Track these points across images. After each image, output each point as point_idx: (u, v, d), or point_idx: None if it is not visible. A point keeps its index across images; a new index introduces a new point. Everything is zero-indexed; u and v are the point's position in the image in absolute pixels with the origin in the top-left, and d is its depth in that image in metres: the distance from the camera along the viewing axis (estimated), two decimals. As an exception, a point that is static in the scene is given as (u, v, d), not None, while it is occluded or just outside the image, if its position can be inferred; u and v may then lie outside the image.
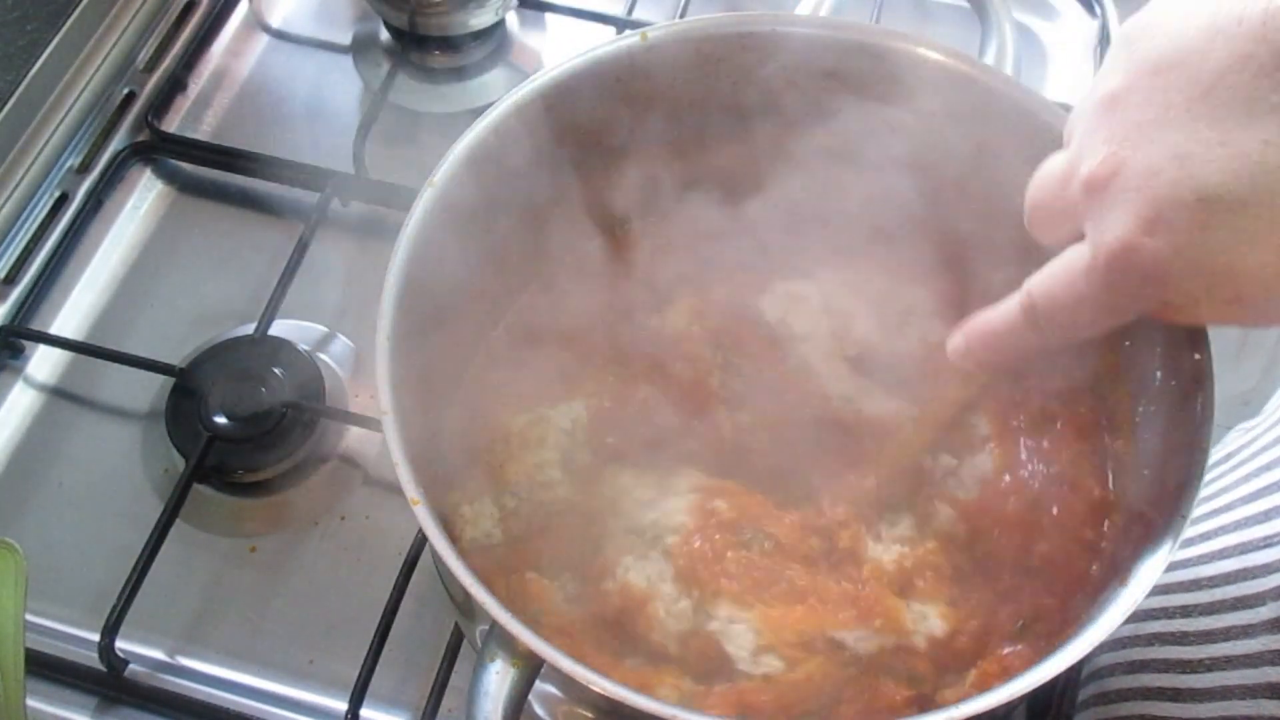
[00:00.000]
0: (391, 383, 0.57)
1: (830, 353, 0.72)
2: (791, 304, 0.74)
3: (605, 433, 0.67)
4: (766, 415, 0.69)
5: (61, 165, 0.96)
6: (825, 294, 0.74)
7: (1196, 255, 0.46)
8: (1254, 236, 0.44)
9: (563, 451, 0.66)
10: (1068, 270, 0.51)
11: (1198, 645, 0.66)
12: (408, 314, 0.60)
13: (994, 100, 0.66)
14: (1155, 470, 0.59)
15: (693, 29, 0.68)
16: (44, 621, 0.77)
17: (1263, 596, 0.63)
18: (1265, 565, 0.64)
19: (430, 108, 0.99)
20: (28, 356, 0.88)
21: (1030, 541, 0.62)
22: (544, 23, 1.04)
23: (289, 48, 1.04)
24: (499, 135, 0.65)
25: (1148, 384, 0.61)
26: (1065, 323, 0.53)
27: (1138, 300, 0.49)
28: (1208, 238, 0.45)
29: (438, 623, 0.76)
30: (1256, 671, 0.61)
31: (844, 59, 0.67)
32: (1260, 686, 0.61)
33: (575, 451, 0.67)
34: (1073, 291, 0.51)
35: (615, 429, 0.68)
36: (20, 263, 0.92)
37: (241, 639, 0.77)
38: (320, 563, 0.80)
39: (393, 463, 0.54)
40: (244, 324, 0.87)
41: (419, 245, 0.61)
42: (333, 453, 0.84)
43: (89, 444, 0.84)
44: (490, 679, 0.50)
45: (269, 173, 0.94)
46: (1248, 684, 0.62)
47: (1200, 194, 0.44)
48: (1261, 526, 0.66)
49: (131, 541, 0.76)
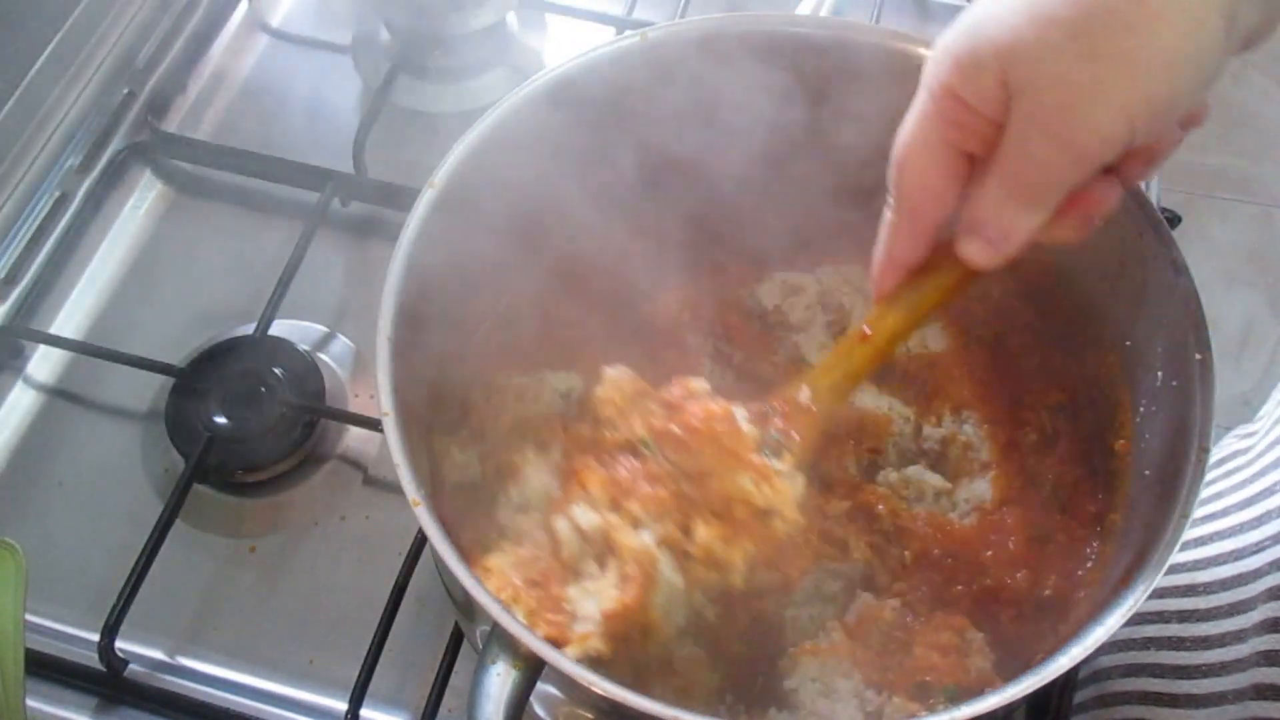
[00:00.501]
0: (391, 383, 0.57)
1: (825, 345, 0.72)
2: (787, 295, 0.75)
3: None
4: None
5: (62, 165, 0.96)
6: (823, 287, 0.75)
7: (970, 29, 0.49)
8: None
9: (556, 411, 0.68)
10: (903, 127, 0.54)
11: (1194, 651, 0.66)
12: (408, 314, 0.60)
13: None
14: (1156, 470, 0.59)
15: (693, 29, 0.68)
16: (44, 621, 0.77)
17: (1254, 601, 0.63)
18: (1257, 570, 0.64)
19: (430, 108, 0.99)
20: (28, 356, 0.88)
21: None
22: (544, 23, 1.04)
23: (289, 48, 1.04)
24: (499, 135, 0.65)
25: (1148, 384, 0.62)
26: (913, 185, 0.54)
27: (960, 114, 0.50)
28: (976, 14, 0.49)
29: (438, 623, 0.76)
30: (1246, 675, 0.62)
31: (844, 59, 0.67)
32: (1248, 689, 0.61)
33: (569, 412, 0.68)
34: (909, 138, 0.53)
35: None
36: (20, 263, 0.92)
37: (241, 639, 0.77)
38: (320, 563, 0.80)
39: (393, 463, 0.54)
40: (244, 324, 0.86)
41: (419, 245, 0.61)
42: (333, 453, 0.84)
43: (89, 444, 0.84)
44: (492, 680, 0.50)
45: (269, 173, 0.94)
46: (1238, 688, 0.62)
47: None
48: (1255, 532, 0.66)
49: (131, 541, 0.76)
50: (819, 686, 0.62)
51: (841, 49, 0.67)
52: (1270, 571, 0.63)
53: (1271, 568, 0.63)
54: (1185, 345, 0.58)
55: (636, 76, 0.68)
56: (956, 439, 0.70)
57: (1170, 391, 0.59)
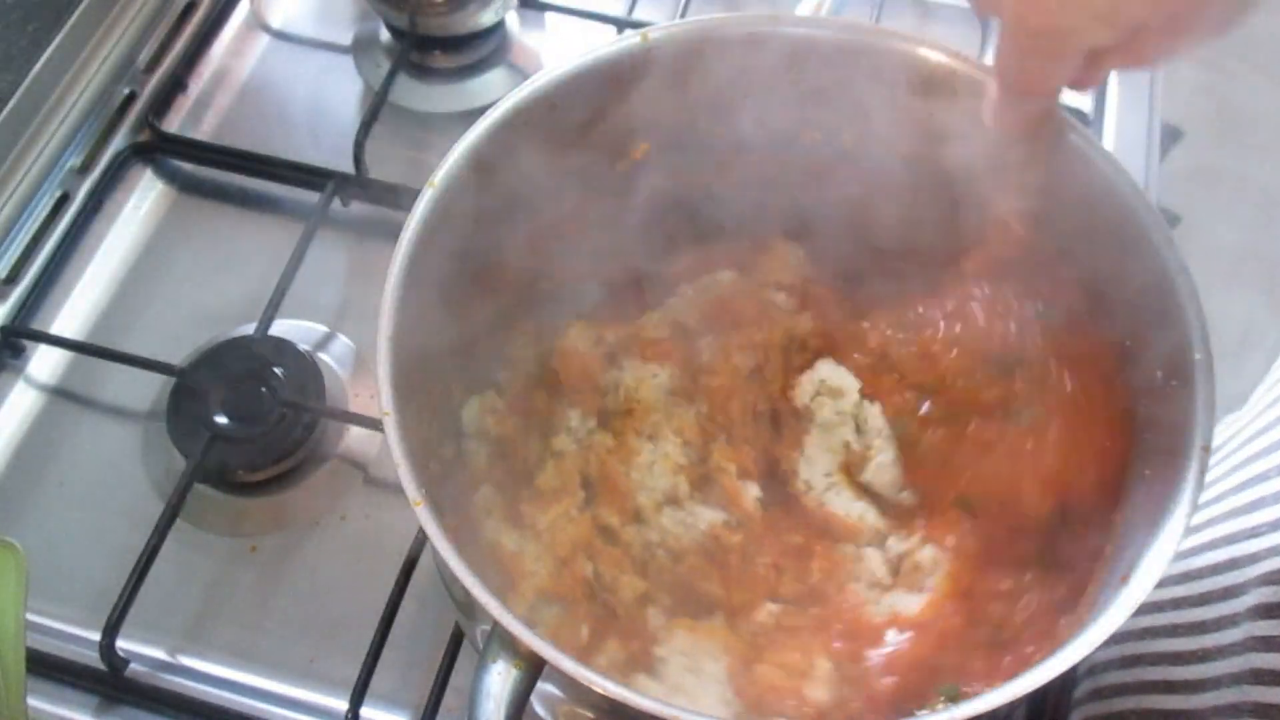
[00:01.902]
0: (392, 383, 0.57)
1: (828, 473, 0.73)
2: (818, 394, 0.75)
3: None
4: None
5: (62, 165, 0.96)
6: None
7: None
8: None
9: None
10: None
11: (1189, 637, 0.66)
12: (408, 314, 0.60)
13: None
14: (1156, 470, 0.59)
15: (693, 29, 0.68)
16: (45, 621, 0.77)
17: (1248, 585, 0.63)
18: (1251, 555, 0.64)
19: (430, 108, 0.99)
20: (28, 356, 0.88)
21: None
22: (544, 23, 1.04)
23: (289, 48, 1.04)
24: (500, 135, 0.65)
25: (1148, 384, 0.61)
26: (1025, 77, 0.57)
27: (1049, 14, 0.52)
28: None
29: (438, 623, 0.76)
30: (1241, 659, 0.62)
31: (844, 59, 0.67)
32: (1244, 673, 0.61)
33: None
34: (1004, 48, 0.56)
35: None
36: (21, 263, 0.92)
37: (242, 638, 0.77)
38: (320, 562, 0.80)
39: (393, 463, 0.55)
40: (244, 324, 0.87)
41: (420, 245, 0.61)
42: (333, 453, 0.84)
43: (90, 444, 0.84)
44: (492, 680, 0.50)
45: (269, 173, 0.94)
46: (1234, 671, 0.62)
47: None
48: (1248, 517, 0.66)
49: (132, 541, 0.76)
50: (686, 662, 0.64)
51: (842, 49, 0.67)
52: (1265, 556, 0.63)
53: (1266, 552, 0.63)
54: (1185, 345, 0.58)
55: (637, 76, 0.68)
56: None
57: (1170, 391, 0.59)
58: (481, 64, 1.00)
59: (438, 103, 0.99)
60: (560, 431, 0.71)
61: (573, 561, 0.67)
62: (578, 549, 0.67)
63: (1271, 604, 0.60)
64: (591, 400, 0.72)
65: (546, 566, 0.66)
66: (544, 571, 0.66)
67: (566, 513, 0.68)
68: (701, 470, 0.71)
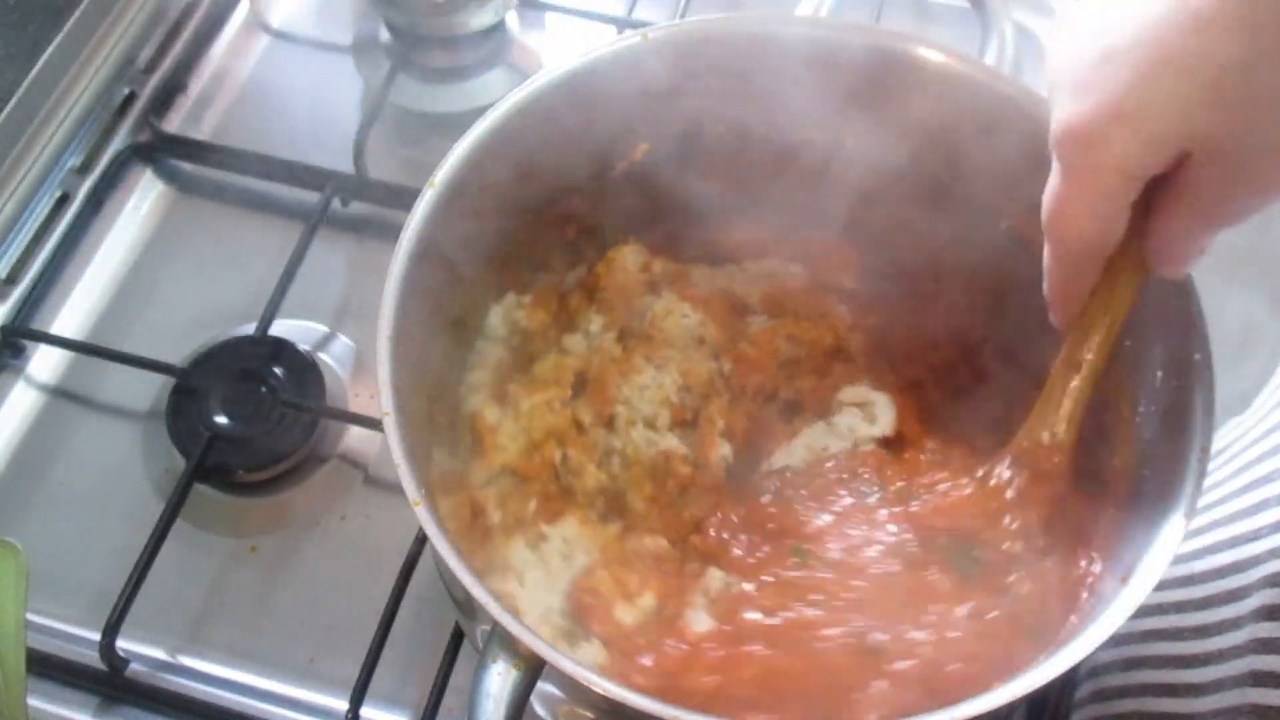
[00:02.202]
0: (392, 383, 0.57)
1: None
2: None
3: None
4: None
5: (62, 165, 0.96)
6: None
7: (1112, 102, 0.49)
8: (1149, 69, 0.48)
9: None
10: (1047, 188, 0.54)
11: (1192, 640, 0.66)
12: (408, 314, 0.60)
13: (994, 100, 0.66)
14: (1156, 470, 0.59)
15: (693, 29, 0.68)
16: (45, 621, 0.77)
17: (1251, 588, 0.63)
18: (1254, 558, 0.64)
19: (430, 108, 0.99)
20: (28, 356, 0.88)
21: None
22: (544, 23, 1.04)
23: (289, 48, 1.04)
24: (500, 135, 0.65)
25: (1148, 384, 0.61)
26: (1072, 235, 0.54)
27: (1101, 176, 0.51)
28: (1117, 84, 0.49)
29: (438, 623, 0.76)
30: (1243, 661, 0.62)
31: (844, 60, 0.67)
32: (1245, 675, 0.61)
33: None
34: (1054, 199, 0.53)
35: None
36: (21, 263, 0.92)
37: (242, 638, 0.77)
38: (320, 562, 0.80)
39: (393, 463, 0.55)
40: (244, 324, 0.87)
41: (420, 245, 0.61)
42: (333, 453, 0.84)
43: (90, 444, 0.84)
44: (492, 680, 0.50)
45: (269, 173, 0.94)
46: (1235, 674, 0.62)
47: (1103, 49, 0.49)
48: (1251, 519, 0.66)
49: (132, 541, 0.76)
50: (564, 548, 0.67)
51: (842, 50, 0.67)
52: (1268, 559, 0.63)
53: (1269, 555, 0.63)
54: (1185, 345, 0.58)
55: (637, 76, 0.68)
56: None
57: (1170, 391, 0.59)
58: (481, 64, 1.00)
59: (438, 103, 0.99)
60: (578, 331, 0.73)
61: (544, 446, 0.69)
62: (551, 436, 0.69)
63: (1274, 606, 0.60)
64: (620, 315, 0.73)
65: (519, 445, 0.68)
66: (515, 449, 0.68)
67: (550, 403, 0.70)
68: (688, 415, 0.72)
